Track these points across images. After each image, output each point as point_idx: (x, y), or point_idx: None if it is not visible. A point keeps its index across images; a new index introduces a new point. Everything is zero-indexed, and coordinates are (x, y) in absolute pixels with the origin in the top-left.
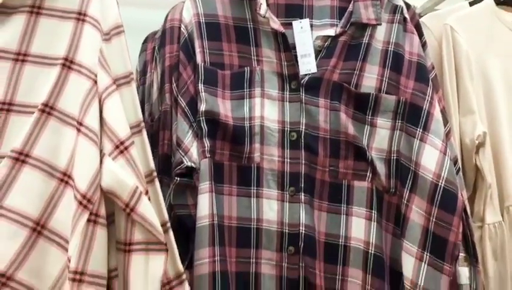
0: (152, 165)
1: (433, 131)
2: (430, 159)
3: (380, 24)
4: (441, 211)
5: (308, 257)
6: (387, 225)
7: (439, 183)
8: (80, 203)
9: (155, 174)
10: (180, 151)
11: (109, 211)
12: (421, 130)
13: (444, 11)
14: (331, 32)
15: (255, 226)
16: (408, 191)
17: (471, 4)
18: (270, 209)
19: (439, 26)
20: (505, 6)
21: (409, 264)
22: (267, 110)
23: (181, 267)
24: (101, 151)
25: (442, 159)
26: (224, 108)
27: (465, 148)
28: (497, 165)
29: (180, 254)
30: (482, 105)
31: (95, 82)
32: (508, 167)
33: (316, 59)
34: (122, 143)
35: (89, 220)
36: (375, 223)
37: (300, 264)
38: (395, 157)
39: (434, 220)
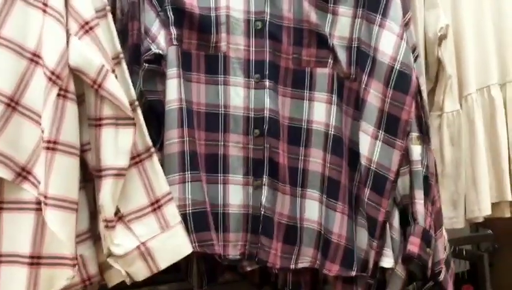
0: (119, 47)
1: (391, 17)
2: (387, 43)
3: None
4: (395, 91)
5: (272, 138)
6: (348, 108)
7: (395, 66)
8: (50, 79)
9: (122, 56)
10: (148, 39)
11: (79, 91)
12: (380, 17)
13: None
14: None
15: (222, 112)
16: (367, 76)
17: None
18: (236, 95)
19: None
20: None
21: (365, 143)
22: (232, 0)
23: (150, 142)
24: (67, 32)
25: (398, 43)
26: None
27: (428, 41)
28: (458, 56)
29: (152, 137)
30: None
31: None
32: (468, 58)
33: None
34: (87, 23)
35: (59, 95)
36: (335, 106)
37: (265, 145)
38: (355, 45)
39: (389, 100)
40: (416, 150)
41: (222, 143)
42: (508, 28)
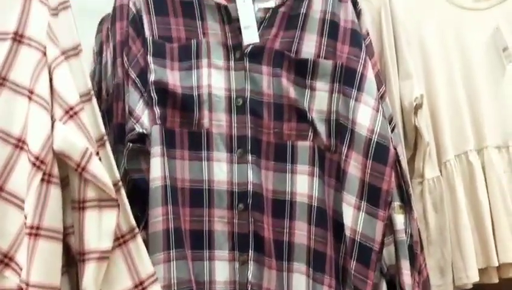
0: (103, 130)
1: (366, 91)
2: (364, 116)
3: None
4: (375, 162)
5: (257, 213)
6: (330, 180)
7: (373, 138)
8: (34, 164)
9: (106, 138)
10: (132, 119)
11: (63, 174)
12: (356, 91)
13: None
14: (272, 4)
15: (207, 187)
16: (346, 148)
17: None
18: (220, 170)
19: None
20: None
21: (348, 214)
22: (214, 79)
23: (134, 223)
24: (52, 117)
25: (374, 115)
26: (173, 78)
27: (405, 111)
28: (434, 124)
29: (136, 216)
30: (419, 70)
31: (44, 54)
32: (444, 125)
33: (258, 30)
34: (71, 109)
35: (42, 180)
36: (317, 178)
37: (250, 219)
38: (334, 118)
39: (369, 171)
40: (399, 220)
41: (207, 219)
42: (480, 96)
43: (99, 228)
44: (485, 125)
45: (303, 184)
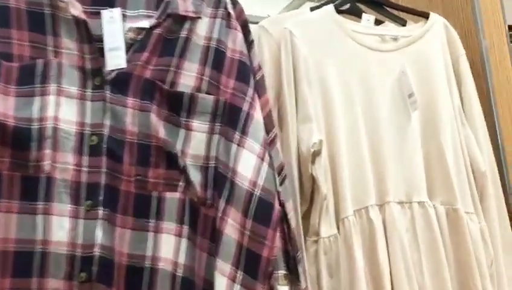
0: None
1: (251, 134)
2: (246, 165)
3: (200, 18)
4: (255, 223)
5: (103, 285)
6: (203, 241)
7: (254, 192)
8: None
9: None
10: None
11: None
12: (239, 134)
13: (284, 15)
14: (146, 24)
15: (39, 250)
16: (224, 203)
17: (312, 10)
18: (60, 228)
19: (279, 30)
20: (345, 14)
21: (221, 286)
22: (63, 110)
23: None
24: None
25: (259, 165)
26: (5, 106)
27: (302, 157)
28: (334, 175)
29: None
30: (320, 112)
31: None
32: (344, 177)
33: (126, 53)
34: None
35: None
36: (186, 240)
37: None
38: (213, 165)
39: (248, 233)
40: None
41: None
42: (384, 145)
43: None
44: (388, 178)
45: (168, 247)
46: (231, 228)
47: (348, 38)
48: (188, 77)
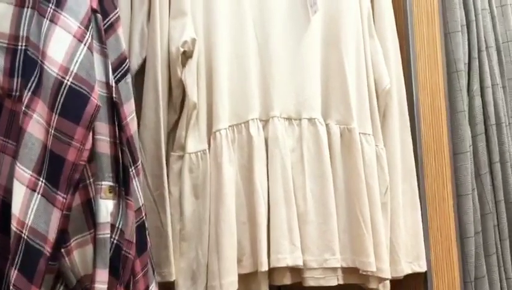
0: None
1: (69, 8)
2: (58, 46)
3: None
4: (62, 118)
5: None
6: (6, 143)
7: (65, 81)
8: None
9: None
10: None
11: None
12: (53, 7)
13: None
14: None
15: None
16: (30, 93)
17: None
18: None
19: None
20: None
21: (18, 197)
22: None
23: None
24: None
25: (74, 47)
26: None
27: (171, 59)
28: (210, 82)
29: None
30: (199, 7)
31: None
32: (220, 84)
33: None
34: None
35: None
36: None
37: None
38: (22, 47)
39: (53, 132)
40: (105, 207)
41: None
42: (274, 51)
43: None
44: (275, 89)
45: None
46: (36, 125)
47: None
48: None
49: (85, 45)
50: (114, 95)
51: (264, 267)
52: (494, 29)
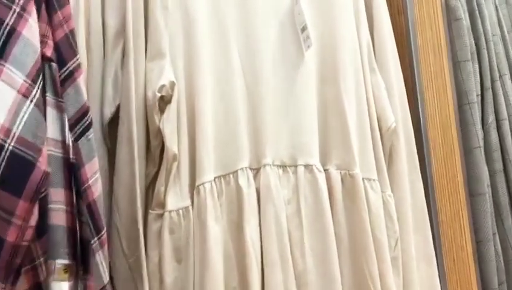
0: None
1: (14, 60)
2: (0, 105)
3: None
4: (1, 191)
5: None
6: None
7: (6, 145)
8: None
9: None
10: None
11: None
12: None
13: None
14: None
15: None
16: None
17: None
18: None
19: None
20: None
21: None
22: None
23: None
24: None
25: (18, 105)
26: None
27: (148, 105)
28: (192, 130)
29: None
30: (179, 48)
31: None
32: (205, 132)
33: None
34: None
35: None
36: None
37: None
38: None
39: None
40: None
41: None
42: (265, 93)
43: None
44: (266, 135)
45: None
46: None
47: None
48: None
49: (31, 101)
50: (71, 156)
51: None
52: (507, 55)
